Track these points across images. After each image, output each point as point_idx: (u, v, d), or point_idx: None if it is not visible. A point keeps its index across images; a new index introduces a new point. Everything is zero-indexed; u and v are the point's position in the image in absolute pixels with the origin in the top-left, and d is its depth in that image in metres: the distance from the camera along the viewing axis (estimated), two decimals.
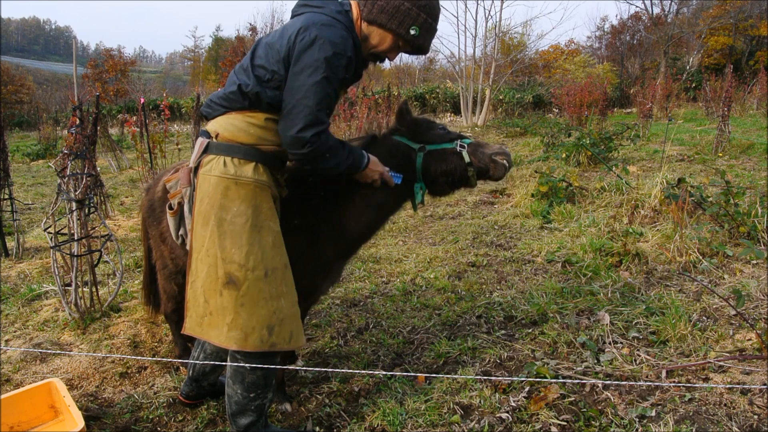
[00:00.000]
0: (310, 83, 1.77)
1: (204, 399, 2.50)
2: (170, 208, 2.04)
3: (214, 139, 1.92)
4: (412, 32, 1.90)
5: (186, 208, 1.96)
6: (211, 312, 1.88)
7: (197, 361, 2.34)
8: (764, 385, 2.30)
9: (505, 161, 2.23)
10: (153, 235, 2.55)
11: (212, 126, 1.95)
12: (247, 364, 1.96)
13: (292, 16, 1.95)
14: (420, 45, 1.95)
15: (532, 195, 6.09)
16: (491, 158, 2.22)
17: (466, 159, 2.19)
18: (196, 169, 1.93)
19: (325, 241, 2.20)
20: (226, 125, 1.91)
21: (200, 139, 1.96)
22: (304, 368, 2.70)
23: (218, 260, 1.85)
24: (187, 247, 2.01)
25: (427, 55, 2.35)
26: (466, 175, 2.22)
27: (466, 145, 2.22)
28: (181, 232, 2.04)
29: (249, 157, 1.89)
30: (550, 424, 2.21)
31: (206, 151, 1.92)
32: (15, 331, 3.28)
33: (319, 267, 2.23)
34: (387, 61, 2.05)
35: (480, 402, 2.37)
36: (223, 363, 2.35)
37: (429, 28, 1.94)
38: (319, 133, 1.81)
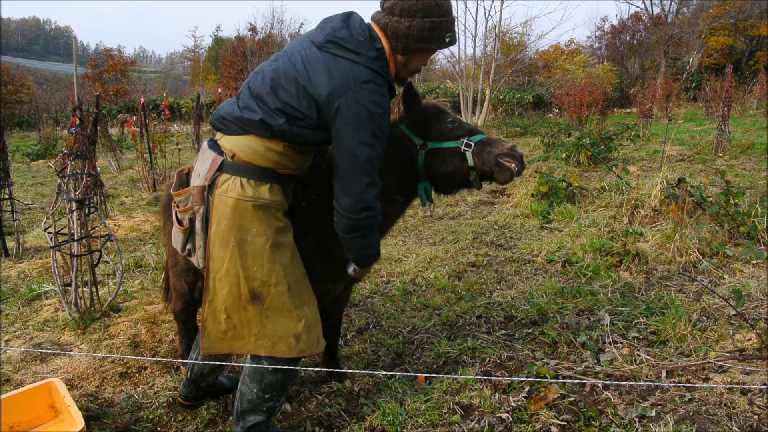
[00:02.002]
0: (362, 145, 1.77)
1: (203, 400, 2.50)
2: (180, 224, 2.01)
3: (229, 158, 1.88)
4: (447, 39, 1.90)
5: (198, 224, 1.93)
6: (235, 326, 1.91)
7: (197, 362, 2.34)
8: (764, 385, 2.30)
9: (512, 165, 2.05)
10: (168, 231, 2.55)
11: (227, 144, 1.90)
12: (266, 366, 1.97)
13: (319, 48, 1.82)
14: (453, 42, 1.97)
15: (532, 195, 6.09)
16: (497, 161, 2.05)
17: (470, 162, 2.06)
18: (210, 186, 1.89)
19: (333, 244, 2.14)
20: (243, 147, 1.87)
21: (213, 154, 1.91)
22: (304, 368, 2.70)
23: (241, 279, 1.87)
24: (193, 261, 2.01)
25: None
26: (468, 179, 2.10)
27: (473, 144, 2.07)
28: (188, 246, 2.02)
29: (264, 179, 1.88)
30: (550, 424, 2.21)
31: (221, 169, 1.88)
32: (15, 331, 3.28)
33: (328, 270, 2.19)
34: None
35: (480, 402, 2.37)
36: (222, 363, 2.35)
37: (454, 23, 1.95)
38: (375, 198, 1.83)
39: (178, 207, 2.02)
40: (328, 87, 1.75)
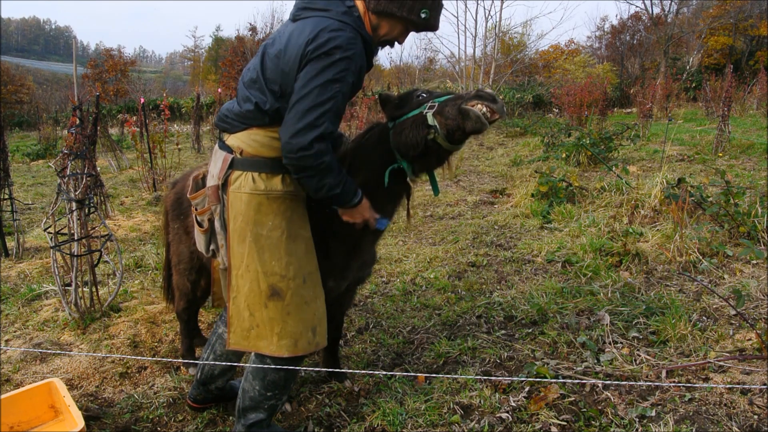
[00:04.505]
0: (311, 87, 1.73)
1: (212, 404, 2.47)
2: (200, 225, 2.03)
3: (238, 155, 1.90)
4: (423, 15, 1.88)
5: (217, 224, 1.95)
6: (258, 324, 1.92)
7: (206, 362, 2.32)
8: (764, 385, 2.30)
9: (478, 107, 1.83)
10: (175, 228, 2.55)
11: (234, 142, 1.93)
12: (269, 364, 1.97)
13: (294, 19, 1.88)
14: (431, 25, 1.94)
15: (532, 195, 6.09)
16: (460, 109, 1.85)
17: (430, 121, 1.89)
18: (224, 185, 1.91)
19: (333, 243, 2.16)
20: (248, 141, 1.90)
21: (223, 154, 1.93)
22: (304, 368, 2.70)
23: (259, 275, 1.88)
24: (219, 260, 2.02)
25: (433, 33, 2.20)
26: (428, 141, 1.92)
27: (436, 105, 1.91)
28: (212, 246, 2.03)
29: (276, 170, 1.89)
30: (550, 424, 2.21)
31: (232, 166, 1.90)
32: (15, 331, 3.28)
33: (330, 268, 2.17)
34: (397, 45, 2.00)
35: (480, 402, 2.37)
36: (234, 364, 2.34)
37: (437, 7, 1.92)
38: (314, 140, 1.72)
39: (196, 209, 2.04)
40: (300, 41, 1.77)
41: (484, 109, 1.83)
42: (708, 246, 3.98)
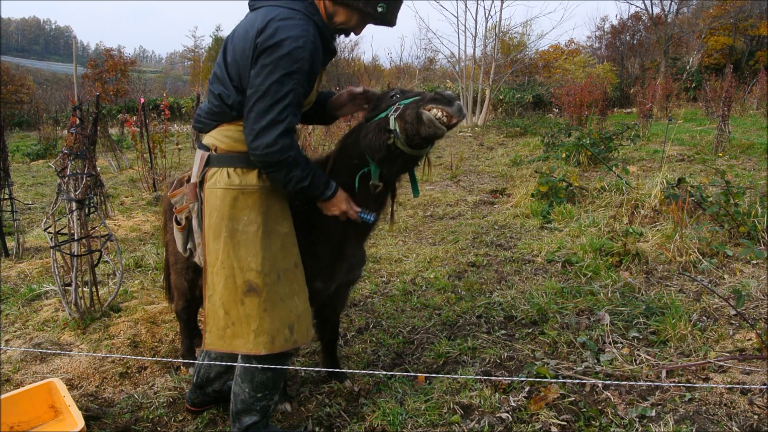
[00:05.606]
0: (268, 83, 1.72)
1: (210, 406, 2.47)
2: (178, 223, 2.03)
3: (213, 152, 1.91)
4: (380, 9, 1.86)
5: (195, 222, 1.95)
6: (234, 323, 1.89)
7: (200, 361, 2.33)
8: (764, 385, 2.30)
9: (434, 111, 1.77)
10: (171, 228, 2.56)
11: (208, 140, 1.95)
12: (255, 365, 1.96)
13: (251, 10, 1.88)
14: (388, 20, 1.92)
15: (532, 195, 6.09)
16: (417, 113, 1.78)
17: (391, 125, 1.84)
18: (201, 183, 1.92)
19: (319, 244, 2.14)
20: (221, 138, 1.91)
21: (200, 152, 1.95)
22: (304, 368, 2.70)
23: (235, 270, 1.86)
24: (195, 260, 2.02)
25: (395, 26, 2.14)
26: (387, 146, 1.86)
27: (401, 107, 1.85)
28: (189, 245, 2.03)
29: (251, 165, 1.88)
30: (550, 424, 2.21)
31: (208, 164, 1.91)
32: (15, 331, 3.28)
33: (317, 270, 2.16)
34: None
35: (480, 402, 2.37)
36: (230, 364, 2.34)
37: (395, 3, 1.90)
38: (278, 136, 1.73)
39: (175, 207, 2.05)
40: (251, 33, 1.76)
41: (439, 114, 1.77)
42: (708, 246, 3.98)
